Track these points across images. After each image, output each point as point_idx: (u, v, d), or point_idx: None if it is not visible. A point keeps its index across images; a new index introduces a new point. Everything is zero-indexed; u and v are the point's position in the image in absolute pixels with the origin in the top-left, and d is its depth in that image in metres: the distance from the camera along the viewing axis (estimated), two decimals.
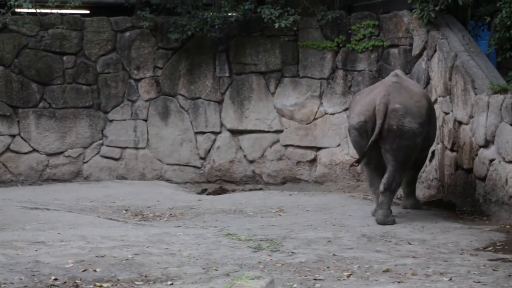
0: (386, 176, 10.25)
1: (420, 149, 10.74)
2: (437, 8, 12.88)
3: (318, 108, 14.88)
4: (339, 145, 14.63)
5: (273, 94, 15.00)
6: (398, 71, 11.29)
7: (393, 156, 10.22)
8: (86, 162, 14.85)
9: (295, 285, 6.95)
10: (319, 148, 14.83)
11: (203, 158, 15.02)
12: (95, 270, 7.25)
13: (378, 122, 10.15)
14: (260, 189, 14.56)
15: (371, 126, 10.26)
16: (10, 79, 14.61)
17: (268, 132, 14.98)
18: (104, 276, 7.15)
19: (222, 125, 15.04)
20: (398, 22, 14.25)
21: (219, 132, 15.03)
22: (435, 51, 12.96)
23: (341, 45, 14.86)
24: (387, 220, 10.14)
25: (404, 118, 10.23)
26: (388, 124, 10.17)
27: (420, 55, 13.59)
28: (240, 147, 15.02)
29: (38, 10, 14.77)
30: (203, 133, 15.03)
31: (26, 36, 14.69)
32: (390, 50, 14.53)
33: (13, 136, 14.65)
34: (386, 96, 10.31)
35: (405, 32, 14.02)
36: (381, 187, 10.24)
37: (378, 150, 10.31)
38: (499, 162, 10.49)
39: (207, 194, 14.19)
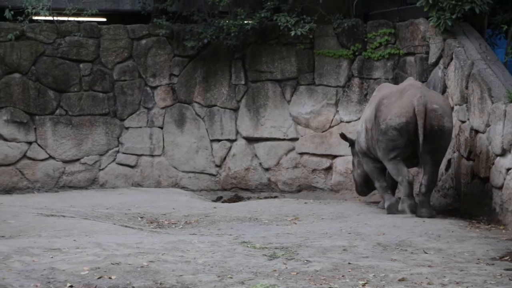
0: (426, 177, 11.24)
1: None
2: (453, 16, 12.85)
3: (334, 116, 14.87)
4: None
5: (288, 102, 15.00)
6: (412, 78, 12.11)
7: (433, 156, 11.17)
8: (102, 169, 14.89)
9: None
10: (334, 156, 14.81)
11: (219, 166, 15.03)
12: (110, 278, 7.25)
13: (420, 122, 10.84)
14: (276, 197, 14.55)
15: (412, 126, 10.98)
16: (27, 86, 14.70)
17: (283, 140, 14.98)
18: (119, 283, 7.15)
19: (237, 132, 15.05)
20: (414, 30, 14.22)
21: (235, 140, 15.04)
22: (451, 59, 12.92)
23: (357, 53, 14.85)
24: (432, 214, 11.20)
25: (443, 118, 11.10)
26: (429, 125, 10.91)
27: (436, 63, 13.56)
28: (256, 155, 15.03)
29: (55, 18, 14.87)
30: (219, 140, 15.05)
31: (43, 44, 14.77)
32: (406, 58, 14.51)
33: (30, 143, 14.72)
34: (423, 97, 11.02)
35: (421, 40, 13.99)
36: (423, 189, 11.22)
37: (413, 148, 11.12)
38: None
39: (223, 202, 14.20)
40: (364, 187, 12.95)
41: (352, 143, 12.95)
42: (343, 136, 13.04)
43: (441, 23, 12.95)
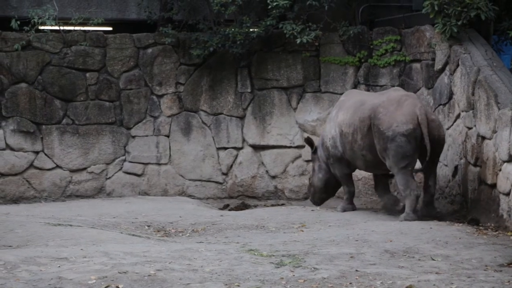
0: (432, 180, 12.00)
1: None
2: (459, 23, 12.84)
3: None
4: None
5: (295, 109, 15.01)
6: (399, 88, 12.81)
7: (435, 161, 11.89)
8: (109, 178, 14.91)
9: None
10: None
11: (225, 174, 15.03)
12: (117, 286, 7.25)
13: (425, 130, 11.43)
14: (282, 204, 14.54)
15: (418, 133, 11.54)
16: (33, 96, 14.74)
17: (290, 147, 14.97)
18: None
19: (244, 140, 15.06)
20: (420, 37, 14.21)
21: (241, 148, 15.05)
22: (457, 65, 12.91)
23: (363, 60, 14.86)
24: (436, 212, 12.06)
25: (440, 128, 11.97)
26: (431, 134, 11.50)
27: (442, 69, 13.55)
28: (262, 163, 15.02)
29: (61, 28, 14.90)
30: (225, 148, 15.05)
31: (50, 53, 14.82)
32: (412, 65, 14.50)
33: (37, 152, 14.75)
34: (423, 108, 11.63)
35: (427, 47, 13.98)
36: (432, 190, 12.04)
37: (419, 155, 11.63)
38: None
39: (229, 210, 14.19)
40: (324, 192, 13.34)
41: (315, 149, 13.31)
42: (309, 141, 13.39)
43: (447, 29, 12.94)
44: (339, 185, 13.26)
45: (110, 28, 16.37)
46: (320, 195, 13.36)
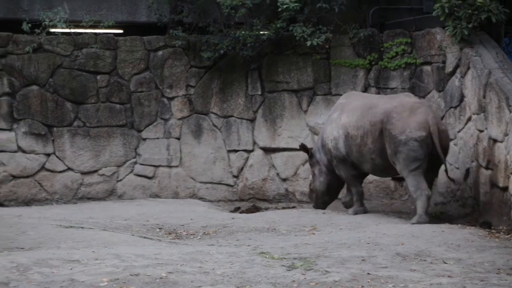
0: (431, 184, 12.15)
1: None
2: (470, 25, 12.82)
3: None
4: None
5: (305, 112, 15.00)
6: (410, 94, 12.79)
7: (438, 167, 12.08)
8: (120, 180, 14.94)
9: None
10: None
11: (236, 176, 15.04)
12: None
13: (436, 140, 11.59)
14: (293, 207, 14.53)
15: (430, 141, 11.67)
16: (45, 98, 14.78)
17: (300, 150, 14.93)
18: None
19: (254, 143, 15.06)
20: (430, 40, 14.20)
21: (252, 150, 15.05)
22: (468, 68, 12.89)
23: (373, 63, 14.84)
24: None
25: (448, 138, 12.14)
26: (440, 144, 11.57)
27: (453, 72, 13.52)
28: (273, 165, 15.02)
29: (72, 30, 14.95)
30: (236, 151, 15.06)
31: (61, 56, 14.87)
32: (423, 68, 14.48)
33: (48, 155, 14.79)
34: (435, 118, 11.79)
35: (438, 50, 13.96)
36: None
37: (428, 159, 11.75)
38: None
39: (240, 213, 14.19)
40: (326, 195, 13.22)
41: (311, 154, 13.25)
42: (303, 148, 13.38)
43: (458, 32, 12.93)
44: (341, 187, 13.21)
45: (120, 31, 16.42)
46: (323, 199, 13.26)
